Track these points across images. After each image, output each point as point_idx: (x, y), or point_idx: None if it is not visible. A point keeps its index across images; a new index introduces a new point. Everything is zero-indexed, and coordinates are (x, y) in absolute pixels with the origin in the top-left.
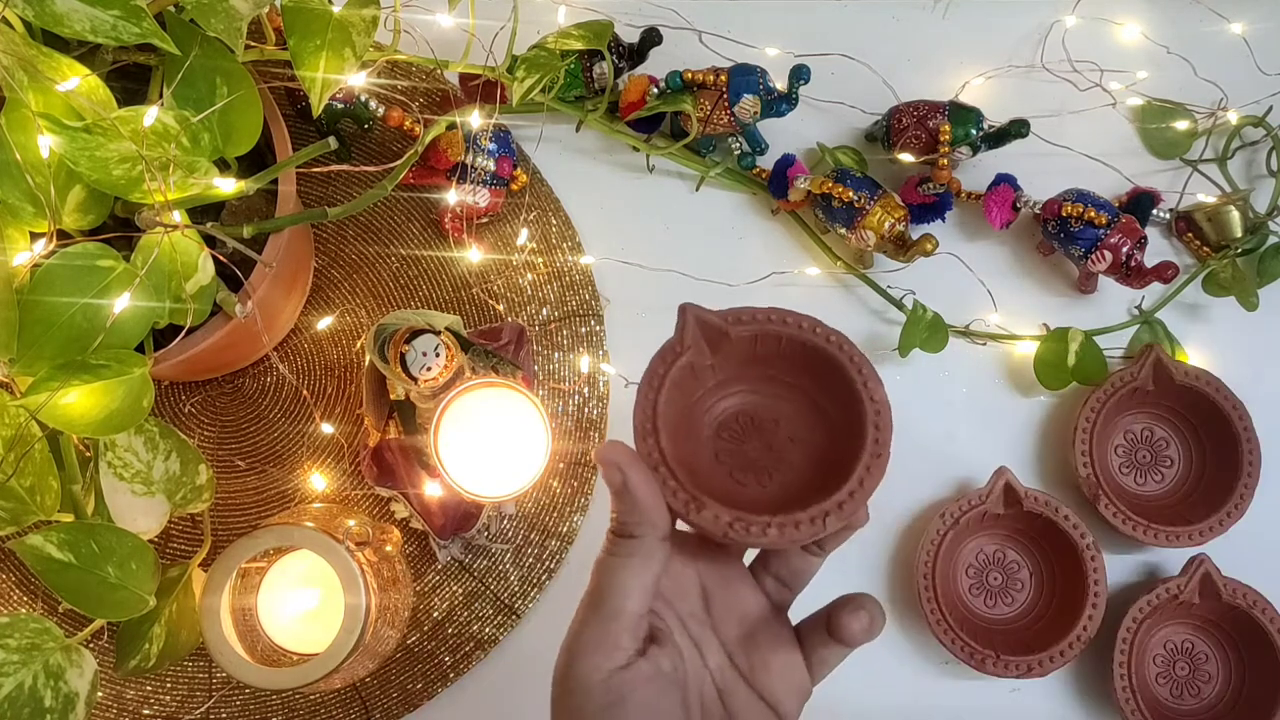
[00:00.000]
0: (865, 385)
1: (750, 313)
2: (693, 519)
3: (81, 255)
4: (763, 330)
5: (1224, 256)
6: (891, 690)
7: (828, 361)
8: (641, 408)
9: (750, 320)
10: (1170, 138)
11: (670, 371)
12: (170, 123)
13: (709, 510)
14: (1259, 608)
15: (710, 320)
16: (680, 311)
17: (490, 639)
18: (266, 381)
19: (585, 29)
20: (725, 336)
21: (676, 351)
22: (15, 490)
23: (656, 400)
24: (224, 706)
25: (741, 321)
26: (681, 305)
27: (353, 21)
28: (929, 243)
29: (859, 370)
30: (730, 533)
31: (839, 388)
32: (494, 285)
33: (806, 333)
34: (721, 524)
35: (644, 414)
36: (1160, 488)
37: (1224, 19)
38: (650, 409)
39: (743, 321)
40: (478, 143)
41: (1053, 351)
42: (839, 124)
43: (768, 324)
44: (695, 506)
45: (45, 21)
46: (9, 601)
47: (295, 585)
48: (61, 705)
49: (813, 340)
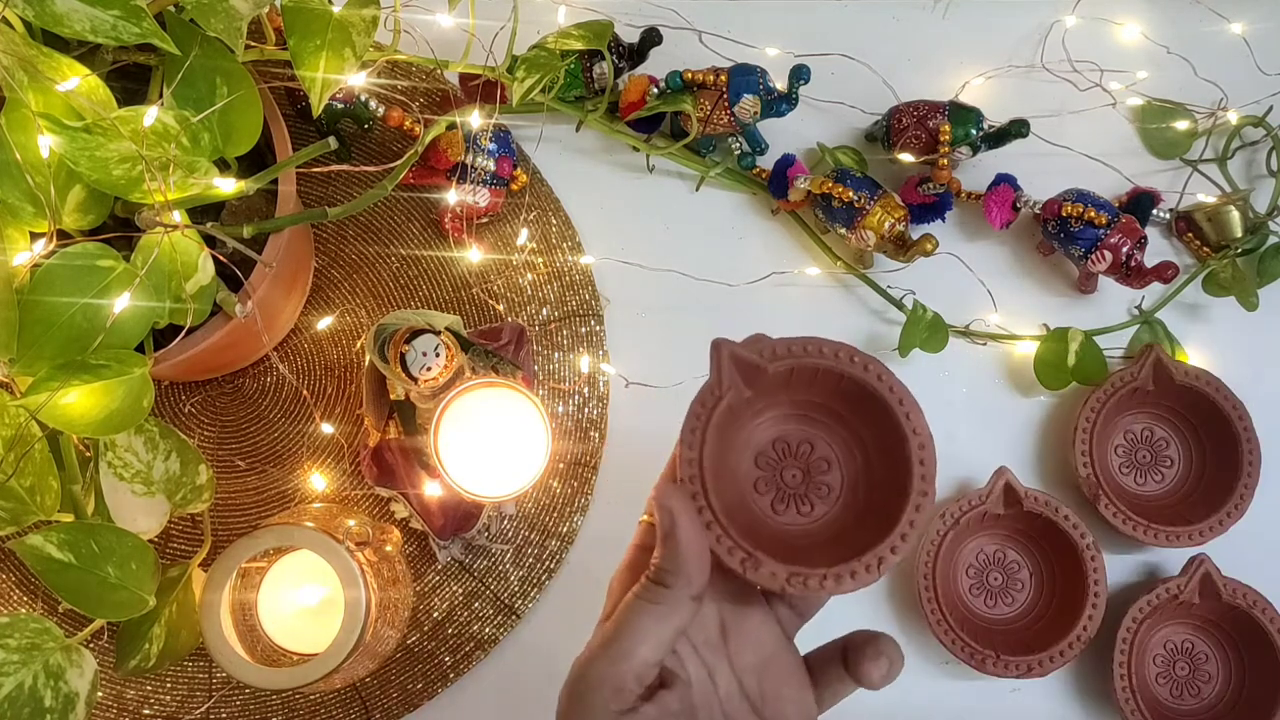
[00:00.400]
0: (908, 417)
1: (785, 345)
2: (750, 576)
3: (81, 255)
4: (799, 363)
5: (1224, 256)
6: (892, 690)
7: (865, 391)
8: (687, 462)
9: (786, 354)
10: (1170, 138)
11: (712, 418)
12: (170, 123)
13: (766, 567)
14: (1259, 608)
15: (746, 357)
16: (714, 349)
17: (490, 639)
18: (266, 381)
19: (585, 29)
20: (762, 372)
21: (716, 395)
22: (15, 490)
23: (701, 455)
24: (224, 706)
25: (778, 355)
26: (715, 342)
27: (353, 21)
28: (929, 243)
29: (899, 401)
30: (788, 587)
31: (878, 417)
32: (494, 285)
33: (844, 363)
34: (779, 580)
35: (690, 468)
36: (1160, 488)
37: (1224, 19)
38: (697, 465)
39: (779, 355)
40: (478, 143)
41: (1053, 351)
42: (839, 124)
43: (804, 356)
44: (752, 564)
45: (45, 21)
46: (9, 601)
47: (295, 585)
48: (61, 705)
49: (850, 370)
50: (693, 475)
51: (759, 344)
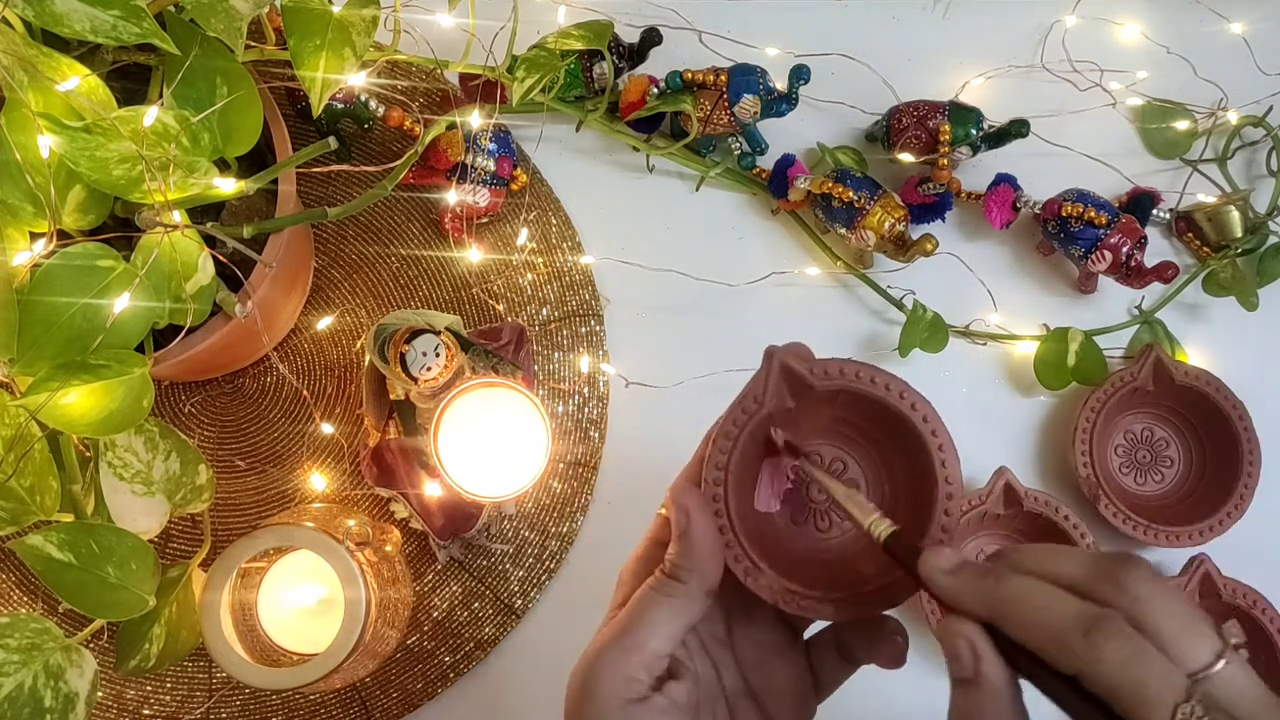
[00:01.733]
0: (944, 464)
1: (838, 366)
2: (750, 585)
3: (81, 255)
4: (847, 386)
5: (1224, 256)
6: (892, 690)
7: (907, 427)
8: (715, 465)
9: (838, 375)
10: (1170, 138)
11: (749, 424)
12: (170, 123)
13: (765, 580)
14: (1259, 608)
15: (797, 370)
16: (766, 358)
17: (490, 639)
18: (266, 381)
19: (585, 29)
20: (809, 389)
21: (758, 403)
22: (15, 490)
23: (730, 459)
24: (224, 706)
25: (829, 375)
26: (768, 351)
27: (353, 21)
28: (929, 243)
29: (939, 446)
30: (781, 604)
31: (914, 455)
32: (494, 285)
33: (892, 395)
34: (775, 596)
35: (717, 470)
36: (1160, 488)
37: (1224, 19)
38: (723, 469)
39: (830, 375)
40: (478, 143)
41: (1053, 351)
42: (839, 124)
43: (855, 380)
44: (754, 575)
45: (45, 21)
46: (9, 601)
47: (295, 585)
48: (61, 705)
49: (896, 405)
50: (717, 478)
51: (809, 358)
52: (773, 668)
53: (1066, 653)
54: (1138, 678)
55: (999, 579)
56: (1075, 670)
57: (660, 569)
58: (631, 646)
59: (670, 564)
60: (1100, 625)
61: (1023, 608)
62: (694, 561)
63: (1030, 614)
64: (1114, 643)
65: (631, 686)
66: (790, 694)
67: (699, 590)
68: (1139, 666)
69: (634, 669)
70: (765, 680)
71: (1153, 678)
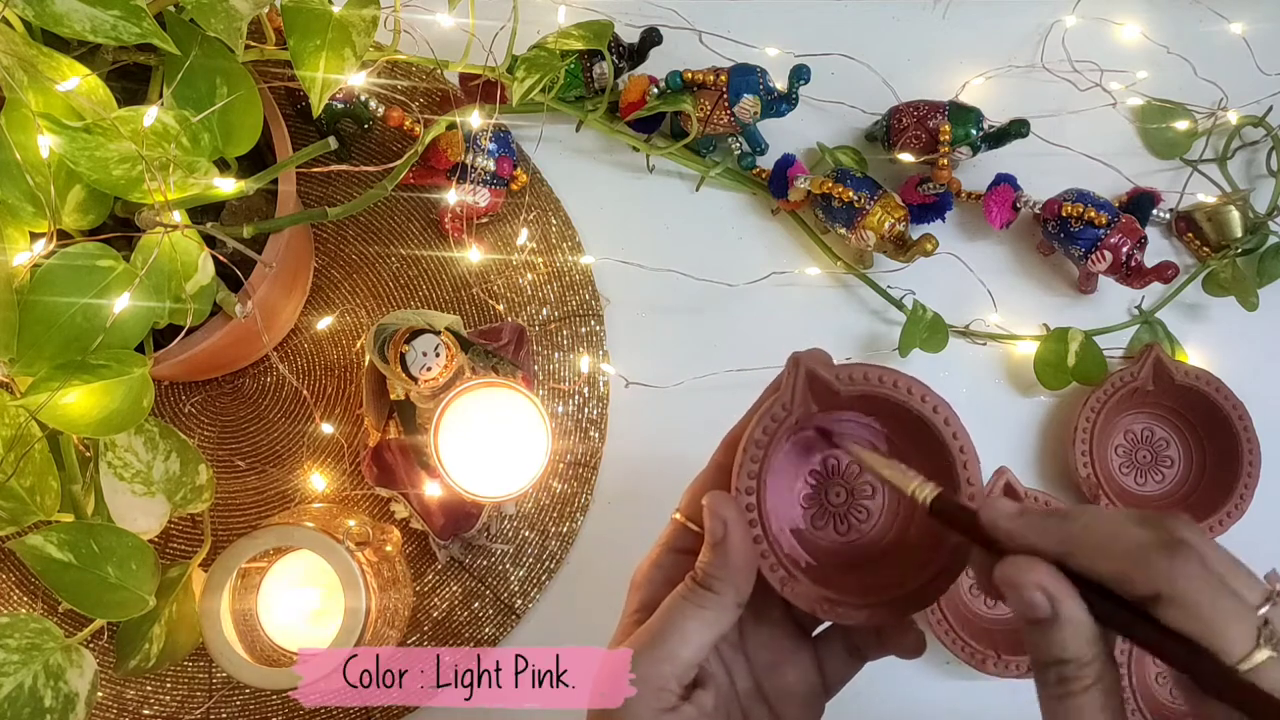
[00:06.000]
0: (965, 466)
1: (862, 371)
2: (786, 595)
3: (81, 255)
4: (871, 391)
5: (1224, 256)
6: (892, 690)
7: (929, 431)
8: (748, 474)
9: (862, 380)
10: (1170, 138)
11: (778, 432)
12: (170, 123)
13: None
14: None
15: (822, 377)
16: (791, 364)
17: (490, 639)
18: (266, 381)
19: (585, 29)
20: (834, 394)
21: (786, 411)
22: (15, 490)
23: (763, 469)
24: (224, 706)
25: (853, 381)
26: (793, 358)
27: (353, 21)
28: (929, 243)
29: (960, 449)
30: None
31: (934, 456)
32: (494, 285)
33: (914, 399)
34: (811, 604)
35: (749, 480)
36: (1160, 488)
37: (1224, 19)
38: (755, 478)
39: (854, 381)
40: (478, 143)
41: (1053, 351)
42: (839, 124)
43: (879, 386)
44: (791, 584)
45: (45, 21)
46: (9, 601)
47: (295, 585)
48: (61, 705)
49: (919, 409)
50: (750, 487)
51: (830, 363)
52: (783, 668)
53: (1149, 571)
54: (1218, 594)
55: (1064, 516)
56: (1154, 590)
57: (691, 577)
58: (664, 656)
59: (703, 573)
60: (1179, 546)
61: (1096, 534)
62: (729, 572)
63: (1105, 540)
64: (1193, 564)
65: (663, 697)
66: (800, 694)
67: (733, 601)
68: (1217, 587)
69: (666, 679)
70: (776, 681)
71: (1230, 598)
